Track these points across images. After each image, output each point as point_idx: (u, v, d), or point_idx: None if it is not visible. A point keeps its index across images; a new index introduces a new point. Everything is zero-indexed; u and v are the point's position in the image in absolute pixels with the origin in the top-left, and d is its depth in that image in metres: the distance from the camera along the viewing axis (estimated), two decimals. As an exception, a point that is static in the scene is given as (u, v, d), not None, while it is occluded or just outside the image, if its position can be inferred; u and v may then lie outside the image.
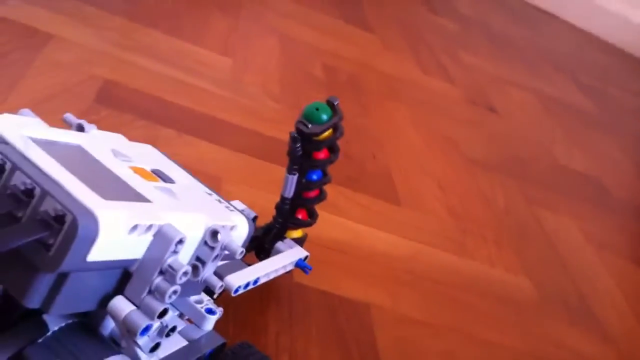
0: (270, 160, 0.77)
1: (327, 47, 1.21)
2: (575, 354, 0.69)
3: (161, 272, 0.35)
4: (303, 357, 0.52)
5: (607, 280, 0.86)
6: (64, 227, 0.30)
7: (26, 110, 0.38)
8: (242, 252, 0.38)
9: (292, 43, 1.15)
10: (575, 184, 1.13)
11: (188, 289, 0.39)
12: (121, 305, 0.35)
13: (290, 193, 0.55)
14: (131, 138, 0.46)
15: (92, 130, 0.41)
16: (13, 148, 0.33)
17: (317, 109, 0.53)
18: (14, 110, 0.63)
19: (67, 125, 0.42)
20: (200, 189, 0.43)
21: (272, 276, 0.51)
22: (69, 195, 0.31)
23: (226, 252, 0.39)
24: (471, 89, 1.35)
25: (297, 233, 0.58)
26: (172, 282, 0.35)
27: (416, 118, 1.09)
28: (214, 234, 0.38)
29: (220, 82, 0.90)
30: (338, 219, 0.72)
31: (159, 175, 0.41)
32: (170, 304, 0.36)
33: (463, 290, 0.70)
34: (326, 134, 0.53)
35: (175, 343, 0.40)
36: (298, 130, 0.53)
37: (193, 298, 0.42)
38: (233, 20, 1.12)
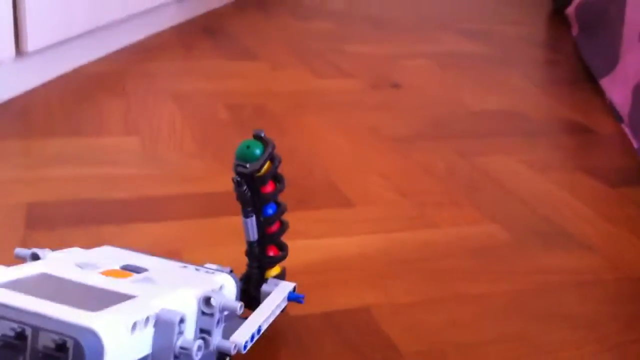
0: (217, 215, 0.77)
1: (223, 89, 1.21)
2: (565, 273, 0.71)
3: (175, 357, 0.34)
4: (330, 382, 0.52)
5: (563, 196, 0.90)
6: (69, 353, 0.29)
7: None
8: (241, 305, 0.38)
9: (188, 98, 1.15)
10: (498, 123, 1.16)
11: (204, 363, 0.39)
12: (150, 406, 0.34)
13: (254, 236, 0.55)
14: (79, 248, 0.45)
15: (47, 254, 0.41)
16: (-16, 300, 0.32)
17: (248, 147, 0.53)
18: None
19: (21, 259, 0.41)
20: (174, 265, 0.43)
21: (271, 319, 0.51)
22: (59, 321, 0.31)
23: (226, 313, 0.38)
24: (370, 76, 1.37)
25: (275, 270, 0.58)
26: (190, 361, 0.34)
27: (332, 122, 1.10)
28: (207, 300, 0.38)
29: (137, 161, 0.89)
30: (304, 242, 0.72)
31: (130, 269, 0.41)
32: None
33: (441, 258, 0.72)
34: (266, 166, 0.54)
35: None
36: (239, 174, 0.53)
37: (209, 371, 0.42)
38: (123, 100, 1.11)
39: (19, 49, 1.06)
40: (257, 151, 0.53)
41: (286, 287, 0.54)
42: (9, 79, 1.08)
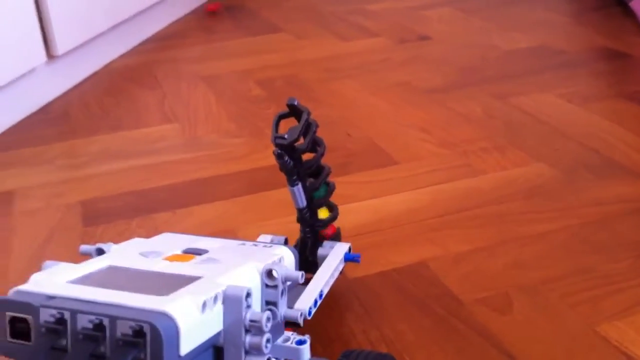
0: (264, 190, 0.78)
1: (251, 66, 1.21)
2: (621, 202, 0.70)
3: (246, 331, 0.35)
4: (398, 338, 0.53)
5: (607, 125, 0.88)
6: (147, 337, 0.31)
7: (49, 262, 0.39)
8: (302, 275, 0.39)
9: (219, 79, 1.16)
10: (531, 60, 1.15)
11: (274, 333, 0.40)
12: (228, 380, 0.35)
13: (303, 202, 0.56)
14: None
15: (111, 247, 0.42)
16: (61, 298, 0.33)
17: (284, 118, 0.54)
18: (23, 272, 0.64)
19: (86, 255, 0.42)
20: (232, 244, 0.44)
21: (331, 283, 0.52)
22: (134, 309, 0.32)
23: (289, 284, 0.39)
24: (396, 31, 1.36)
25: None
26: (261, 332, 0.35)
27: (365, 82, 1.10)
28: (269, 273, 0.39)
29: (180, 147, 0.90)
30: (352, 205, 0.73)
31: (192, 252, 0.42)
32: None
33: (493, 203, 0.72)
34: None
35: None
36: (278, 145, 0.53)
37: (279, 340, 0.43)
38: (157, 90, 1.13)
39: (49, 53, 1.08)
40: (294, 120, 0.53)
41: (342, 248, 0.55)
42: (44, 84, 1.10)
